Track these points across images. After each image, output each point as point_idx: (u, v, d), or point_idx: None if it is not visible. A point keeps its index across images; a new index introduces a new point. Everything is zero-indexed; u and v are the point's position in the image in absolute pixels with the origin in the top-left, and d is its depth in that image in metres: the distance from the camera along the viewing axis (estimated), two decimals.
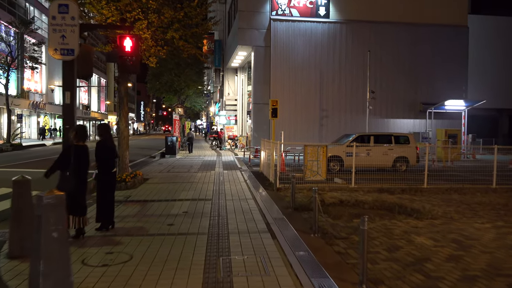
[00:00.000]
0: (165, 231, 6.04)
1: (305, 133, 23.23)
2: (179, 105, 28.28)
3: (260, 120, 23.44)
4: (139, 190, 9.99)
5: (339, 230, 6.21)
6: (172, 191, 9.82)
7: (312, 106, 23.71)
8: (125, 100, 11.10)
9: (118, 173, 11.39)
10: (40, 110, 41.34)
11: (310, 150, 10.23)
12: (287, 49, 23.50)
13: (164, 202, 8.50)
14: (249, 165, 16.94)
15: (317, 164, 10.30)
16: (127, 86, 11.05)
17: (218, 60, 34.06)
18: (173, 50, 10.55)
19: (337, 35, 23.96)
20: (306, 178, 10.24)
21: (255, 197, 9.07)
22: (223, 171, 14.52)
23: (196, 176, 12.79)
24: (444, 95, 23.97)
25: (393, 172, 13.85)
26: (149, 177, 12.43)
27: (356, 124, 24.00)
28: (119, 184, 10.16)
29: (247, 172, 14.01)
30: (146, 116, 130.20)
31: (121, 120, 11.10)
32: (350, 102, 24.12)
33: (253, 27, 23.15)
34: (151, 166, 16.45)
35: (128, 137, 11.23)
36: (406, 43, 24.47)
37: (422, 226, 6.56)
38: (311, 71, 23.76)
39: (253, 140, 23.44)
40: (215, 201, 8.62)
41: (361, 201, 8.63)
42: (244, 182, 11.62)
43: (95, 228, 6.11)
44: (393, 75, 24.24)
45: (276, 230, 6.06)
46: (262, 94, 23.42)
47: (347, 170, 13.62)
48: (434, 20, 24.48)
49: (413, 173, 12.75)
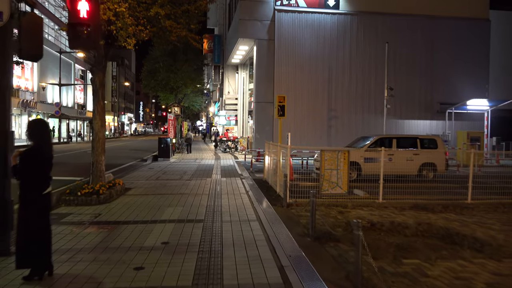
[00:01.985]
0: (126, 285, 3.99)
1: (312, 135, 21.20)
2: (175, 104, 26.23)
3: (263, 120, 21.40)
4: (114, 205, 7.95)
5: (390, 285, 4.16)
6: (155, 207, 7.78)
7: (320, 105, 21.67)
8: (101, 94, 9.06)
9: (91, 182, 9.41)
10: (31, 109, 39.35)
11: (328, 157, 8.20)
12: (293, 42, 21.46)
13: (141, 224, 6.46)
14: (251, 170, 14.91)
15: (337, 174, 8.27)
16: (102, 76, 9.02)
17: (218, 56, 31.99)
18: (159, 31, 8.52)
19: (347, 28, 21.92)
20: (323, 191, 8.22)
21: (259, 216, 7.02)
22: (221, 178, 12.48)
23: (188, 186, 10.75)
24: (463, 94, 21.94)
25: (419, 180, 11.84)
26: (132, 187, 10.40)
27: (368, 125, 21.98)
28: (89, 198, 8.15)
29: (249, 180, 11.98)
30: (146, 116, 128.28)
31: (95, 118, 9.06)
32: (361, 101, 22.08)
33: (255, 18, 21.12)
34: (140, 171, 14.42)
35: (104, 139, 9.19)
36: (422, 37, 22.44)
37: (509, 273, 4.51)
38: (318, 67, 21.73)
39: (255, 142, 21.40)
40: (208, 223, 6.58)
41: (400, 224, 6.58)
42: (245, 193, 9.58)
43: (23, 277, 4.07)
44: (408, 72, 22.19)
45: (296, 283, 4.00)
46: (265, 92, 21.39)
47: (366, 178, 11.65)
48: (452, 12, 22.46)
49: (444, 182, 10.75)
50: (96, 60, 8.97)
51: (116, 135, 69.12)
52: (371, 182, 9.09)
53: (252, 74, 25.37)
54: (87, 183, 9.14)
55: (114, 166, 16.28)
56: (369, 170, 12.09)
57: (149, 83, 28.74)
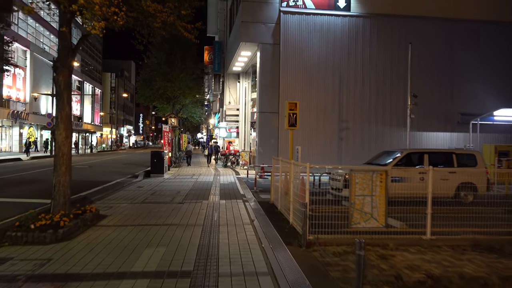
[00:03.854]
0: None
1: (322, 149, 19.22)
2: (172, 114, 24.28)
3: (267, 132, 19.42)
4: (75, 245, 5.93)
5: None
6: (128, 248, 5.75)
7: (330, 116, 19.71)
8: (65, 97, 7.10)
9: (52, 210, 7.41)
10: (23, 121, 37.54)
11: (360, 179, 6.21)
12: (300, 47, 19.62)
13: (100, 281, 4.44)
14: (254, 190, 12.86)
15: (371, 202, 6.26)
16: (69, 75, 7.08)
17: (218, 64, 30.16)
18: (139, 16, 6.60)
19: (359, 31, 20.10)
20: (353, 224, 6.20)
21: (272, 267, 4.98)
22: (219, 200, 10.45)
23: (179, 211, 8.72)
24: (487, 104, 19.98)
25: (456, 203, 9.77)
26: (108, 213, 8.37)
27: (382, 137, 20.01)
28: (43, 234, 6.13)
29: (253, 203, 9.97)
30: (145, 128, 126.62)
31: (58, 128, 7.09)
32: (375, 111, 20.13)
33: (259, 20, 19.31)
34: (126, 190, 12.40)
35: (69, 154, 7.20)
36: (440, 41, 20.62)
37: None
38: (328, 73, 19.84)
39: (258, 156, 19.39)
40: (198, 279, 4.55)
41: (475, 280, 4.53)
42: (250, 224, 7.54)
43: None
44: (425, 80, 20.28)
45: None
46: (269, 101, 19.47)
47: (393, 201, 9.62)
48: (474, 15, 20.68)
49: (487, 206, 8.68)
50: (60, 53, 7.05)
51: (114, 147, 67.17)
52: (398, 205, 6.98)
53: (255, 83, 23.52)
54: (47, 211, 7.15)
55: (98, 183, 14.25)
56: (397, 192, 10.07)
57: (145, 92, 26.82)
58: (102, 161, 29.67)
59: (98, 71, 67.81)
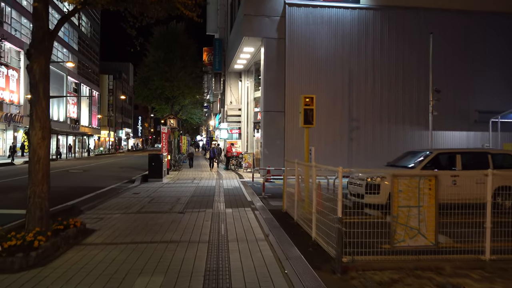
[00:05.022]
0: None
1: (331, 150, 18.00)
2: (171, 115, 23.06)
3: (272, 132, 18.20)
4: (49, 272, 4.70)
5: None
6: (116, 278, 4.52)
7: (339, 114, 18.49)
8: (41, 90, 5.89)
9: (26, 226, 6.18)
10: (17, 124, 36.27)
11: (405, 186, 5.01)
12: (307, 41, 18.41)
13: None
14: (263, 196, 11.65)
15: (418, 214, 5.06)
16: (45, 63, 5.87)
17: (219, 62, 28.91)
18: None
19: (369, 24, 18.89)
20: (396, 242, 5.00)
21: None
22: (225, 209, 9.23)
23: (180, 224, 7.50)
24: (505, 101, 18.79)
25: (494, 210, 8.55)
26: (97, 227, 7.15)
27: (395, 137, 18.82)
28: (11, 259, 4.90)
29: (264, 212, 8.75)
30: (144, 131, 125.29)
31: (33, 127, 5.87)
32: (387, 109, 18.92)
33: (263, 13, 18.10)
34: (121, 197, 11.17)
35: (47, 158, 5.98)
36: (455, 34, 19.39)
37: None
38: (337, 69, 18.63)
39: (264, 158, 18.16)
40: None
41: None
42: (264, 240, 6.32)
43: None
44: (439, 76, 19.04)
45: None
46: (274, 99, 18.24)
47: None
48: (492, 6, 19.44)
49: None
50: (35, 37, 5.84)
51: (112, 150, 65.86)
52: None
53: (258, 82, 22.31)
54: (21, 227, 5.93)
55: (91, 190, 13.05)
56: None
57: (142, 92, 25.58)
58: (98, 165, 28.43)
59: (95, 73, 66.57)
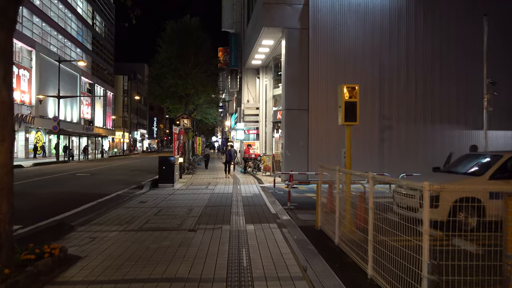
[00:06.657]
0: None
1: (361, 152, 16.16)
2: (184, 115, 21.56)
3: (295, 133, 16.49)
4: None
5: None
6: None
7: (370, 113, 16.65)
8: (1, 72, 4.32)
9: None
10: (29, 125, 35.42)
11: None
12: (332, 32, 16.66)
13: None
14: (288, 207, 9.95)
15: None
16: (9, 37, 4.31)
17: (235, 58, 27.31)
18: None
19: (402, 12, 17.04)
20: None
21: None
22: (245, 225, 7.57)
23: (190, 248, 5.86)
24: None
25: None
26: (85, 253, 5.56)
27: (433, 138, 16.96)
28: None
29: (293, 230, 7.07)
30: (160, 132, 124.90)
31: None
32: (423, 107, 17.02)
33: (283, 1, 16.42)
34: (124, 207, 9.63)
35: (8, 166, 4.41)
36: (500, 21, 17.31)
37: None
38: (366, 63, 16.83)
39: (285, 161, 16.46)
40: None
41: None
42: (302, 279, 4.62)
43: None
44: (479, 68, 17.03)
45: None
46: (297, 96, 16.54)
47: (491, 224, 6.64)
48: None
49: None
50: None
51: (127, 152, 65.08)
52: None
53: (277, 78, 20.64)
54: None
55: (92, 198, 11.59)
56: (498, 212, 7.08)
57: (155, 90, 24.16)
58: (108, 167, 27.17)
59: (110, 73, 65.94)
